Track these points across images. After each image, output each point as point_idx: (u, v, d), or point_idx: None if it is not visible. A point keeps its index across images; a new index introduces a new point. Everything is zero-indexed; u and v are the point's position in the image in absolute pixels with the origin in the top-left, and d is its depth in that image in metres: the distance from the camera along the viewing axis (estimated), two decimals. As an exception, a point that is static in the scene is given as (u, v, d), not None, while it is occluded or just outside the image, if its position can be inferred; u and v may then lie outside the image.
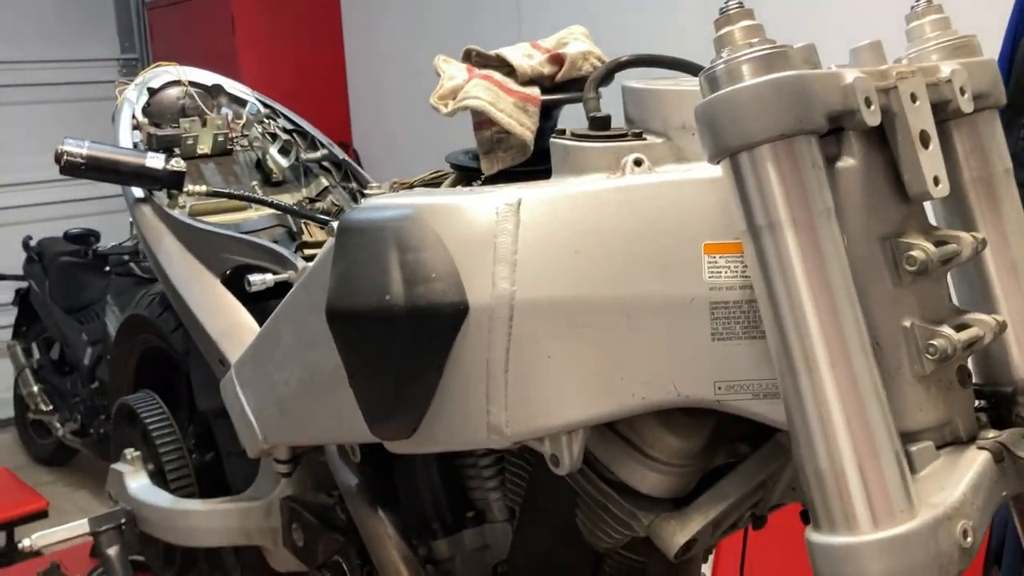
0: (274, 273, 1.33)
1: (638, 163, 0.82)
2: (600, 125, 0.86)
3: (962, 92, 0.77)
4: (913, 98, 0.73)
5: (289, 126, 1.85)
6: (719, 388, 0.78)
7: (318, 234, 1.75)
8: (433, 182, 1.22)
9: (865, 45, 0.79)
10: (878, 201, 0.74)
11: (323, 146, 1.83)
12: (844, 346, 0.67)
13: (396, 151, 4.33)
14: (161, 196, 1.60)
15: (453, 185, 1.05)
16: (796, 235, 0.67)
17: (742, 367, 0.78)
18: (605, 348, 0.78)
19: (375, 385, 0.87)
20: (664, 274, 0.78)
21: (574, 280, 0.78)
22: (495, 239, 0.79)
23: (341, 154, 1.82)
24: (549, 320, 0.78)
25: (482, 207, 0.80)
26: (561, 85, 0.99)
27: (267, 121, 1.84)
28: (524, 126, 0.93)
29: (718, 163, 0.71)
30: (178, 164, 1.48)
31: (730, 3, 0.71)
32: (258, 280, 1.31)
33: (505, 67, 0.99)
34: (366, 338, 0.84)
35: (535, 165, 0.98)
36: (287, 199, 1.79)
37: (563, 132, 0.88)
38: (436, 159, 1.05)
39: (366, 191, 1.16)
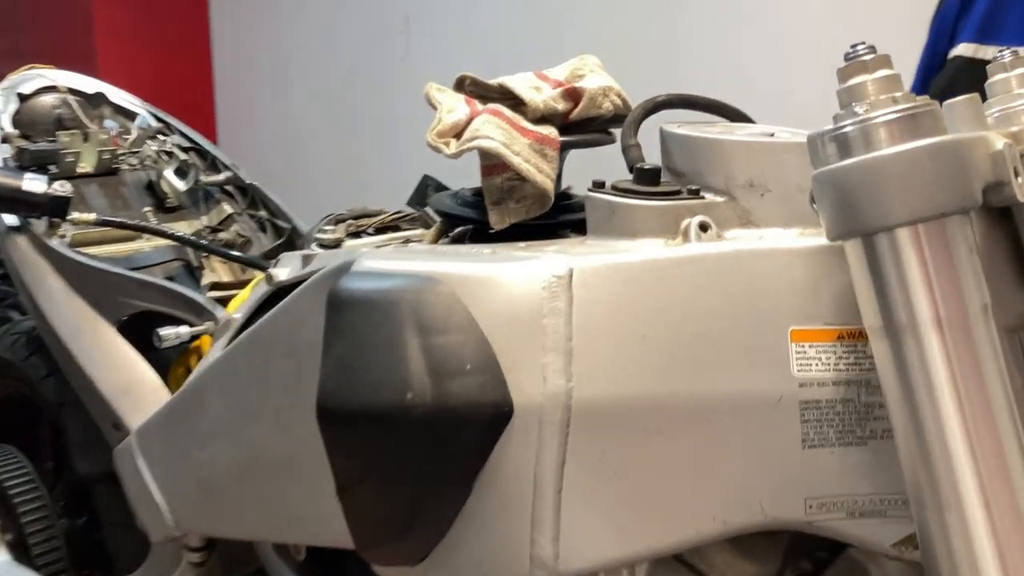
0: (189, 324, 1.12)
1: (704, 228, 0.68)
2: (650, 178, 0.71)
3: (1077, 159, 0.67)
4: (1044, 167, 0.62)
5: (186, 144, 1.62)
6: (811, 507, 0.65)
7: (222, 271, 1.53)
8: (391, 225, 1.05)
9: (964, 100, 0.68)
10: (1002, 289, 0.63)
11: (226, 167, 1.61)
12: (1006, 480, 0.55)
13: (266, 160, 4.06)
14: (38, 223, 1.34)
15: (438, 235, 0.88)
16: (947, 339, 0.55)
17: (836, 480, 0.65)
18: (681, 460, 0.63)
19: (380, 501, 0.68)
20: (748, 366, 0.64)
21: (643, 373, 0.63)
22: (544, 321, 0.63)
23: (248, 177, 1.60)
24: (615, 425, 0.63)
25: (525, 279, 0.64)
26: (574, 124, 0.84)
27: (160, 137, 1.60)
28: (543, 173, 0.78)
29: (842, 242, 0.58)
30: (63, 188, 1.24)
31: (859, 47, 0.58)
32: (170, 334, 1.09)
33: (509, 100, 0.83)
34: (375, 445, 0.65)
35: (539, 218, 0.83)
36: (184, 227, 1.56)
37: (602, 184, 0.73)
38: (318, 181, 0.87)
39: (318, 235, 0.97)
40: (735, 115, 0.83)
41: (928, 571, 0.57)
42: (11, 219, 1.33)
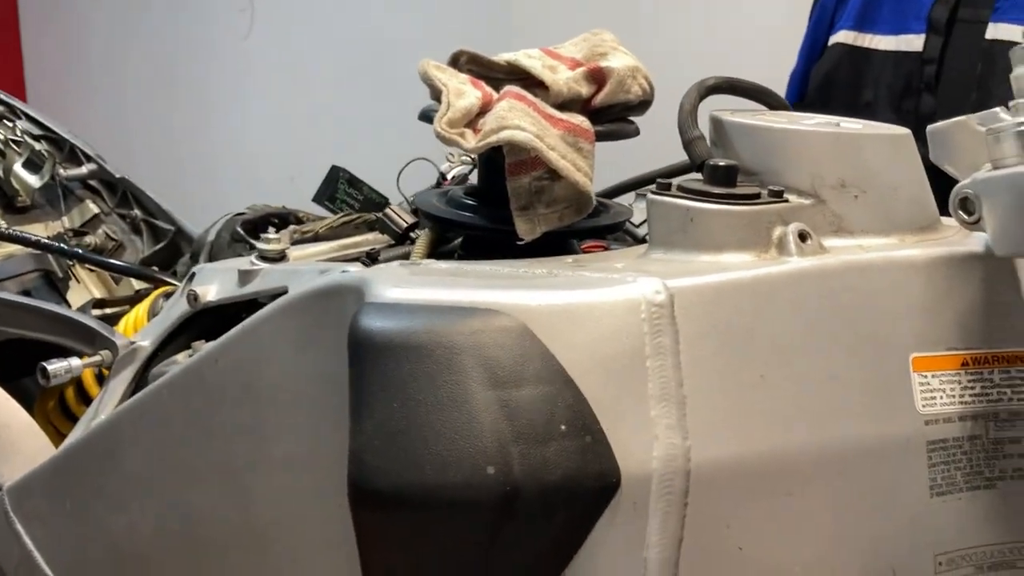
0: (79, 355, 0.91)
1: (803, 237, 0.57)
2: (725, 178, 0.59)
3: None
4: None
5: (37, 131, 1.37)
6: (940, 563, 0.55)
7: (89, 281, 1.30)
8: (343, 228, 0.88)
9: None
10: None
11: (89, 159, 1.37)
12: None
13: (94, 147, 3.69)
14: None
15: (432, 246, 0.72)
16: None
17: (965, 531, 0.56)
18: (810, 524, 0.52)
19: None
20: (872, 405, 0.54)
21: (766, 423, 0.51)
22: (647, 363, 0.49)
23: (118, 171, 1.37)
24: (739, 489, 0.50)
25: (617, 307, 0.50)
26: (596, 111, 0.70)
27: (6, 123, 1.34)
28: (582, 171, 0.64)
29: (1015, 257, 0.48)
30: None
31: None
32: (60, 369, 0.88)
33: (519, 81, 0.69)
34: (439, 532, 0.49)
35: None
36: (40, 231, 1.31)
37: (668, 186, 0.60)
38: (150, 168, 0.72)
39: (260, 247, 0.79)
40: (777, 103, 0.72)
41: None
42: None
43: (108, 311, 1.07)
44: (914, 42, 1.99)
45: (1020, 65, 0.49)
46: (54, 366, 0.88)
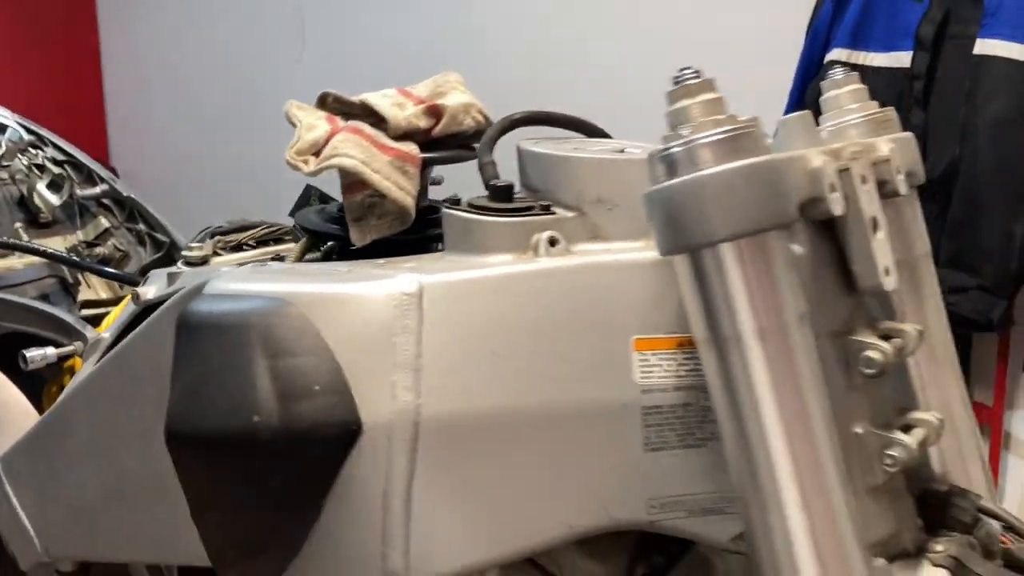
0: (56, 345, 1.09)
1: (553, 242, 0.70)
2: (503, 195, 0.73)
3: (898, 172, 0.71)
4: (863, 180, 0.66)
5: (60, 157, 1.58)
6: (653, 507, 0.68)
7: (99, 287, 1.49)
8: (267, 239, 1.05)
9: (796, 117, 0.72)
10: (827, 295, 0.66)
11: (103, 180, 1.57)
12: (822, 483, 0.58)
13: (160, 168, 3.97)
14: None
15: (304, 252, 0.88)
16: (768, 348, 0.58)
17: (677, 481, 0.68)
18: (528, 469, 0.65)
19: (232, 522, 0.69)
20: (592, 376, 0.67)
21: (491, 387, 0.65)
22: (393, 339, 0.64)
23: (126, 189, 1.57)
24: (463, 438, 0.64)
25: (375, 298, 0.65)
26: (435, 141, 0.85)
27: (32, 151, 1.55)
28: (403, 190, 0.79)
29: (670, 256, 0.61)
30: (-79, 206, 1.19)
31: (686, 71, 0.61)
32: (36, 356, 1.06)
33: (371, 117, 0.84)
34: (224, 467, 0.66)
35: (404, 233, 0.84)
36: (58, 243, 1.52)
37: (458, 201, 0.75)
38: (207, 184, 0.87)
39: (185, 252, 0.96)
40: (592, 131, 0.85)
41: (755, 566, 0.60)
42: None
43: (95, 311, 1.26)
44: (904, 59, 2.07)
45: (676, 102, 0.61)
46: (31, 353, 1.06)
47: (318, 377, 0.63)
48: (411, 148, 0.81)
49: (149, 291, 1.00)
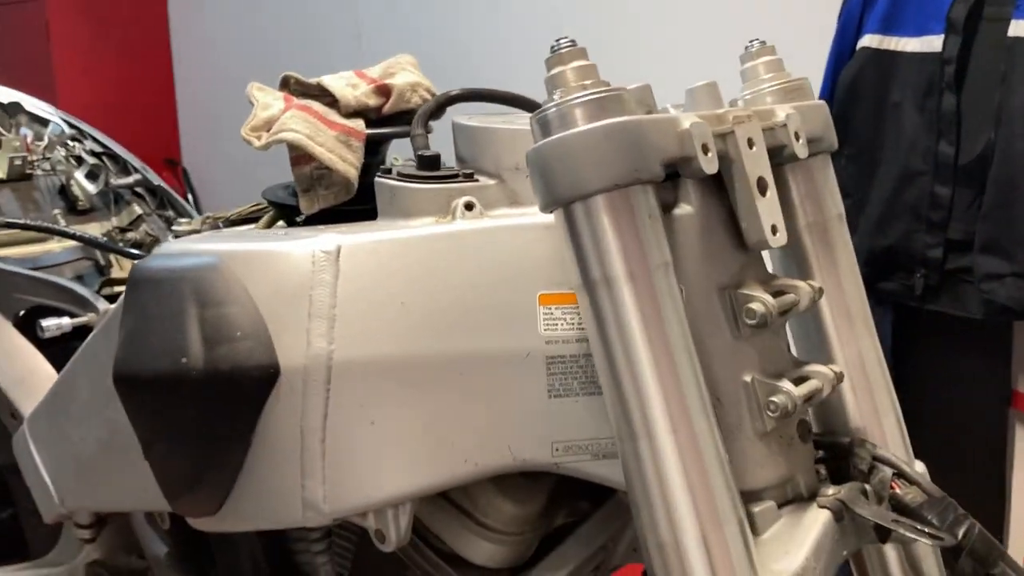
0: (71, 316, 1.20)
1: (469, 207, 0.76)
2: (428, 164, 0.79)
3: (797, 137, 0.75)
4: (750, 143, 0.70)
5: (98, 148, 1.70)
6: (557, 449, 0.73)
7: (128, 267, 1.60)
8: (251, 217, 1.12)
9: (701, 86, 0.76)
10: (716, 250, 0.71)
11: (136, 170, 1.69)
12: (685, 409, 0.63)
13: (230, 169, 4.13)
14: (-56, 227, 1.42)
15: (270, 223, 0.96)
16: (633, 291, 0.63)
17: (580, 426, 0.73)
18: (435, 410, 0.71)
19: (173, 458, 0.77)
20: (498, 327, 0.72)
21: (400, 336, 0.71)
22: (311, 292, 0.71)
23: (156, 179, 1.68)
24: (372, 381, 0.71)
25: (296, 255, 0.72)
26: (388, 118, 0.92)
27: (72, 143, 1.67)
28: (347, 162, 0.85)
29: (551, 212, 0.66)
30: (-38, 192, 1.31)
31: (562, 41, 0.66)
32: (52, 325, 1.17)
33: (327, 97, 0.91)
34: (159, 406, 0.74)
35: (361, 203, 0.90)
36: (95, 229, 1.63)
37: (389, 171, 0.81)
38: (278, 177, 0.96)
39: (175, 227, 1.05)
40: (532, 106, 0.90)
41: (630, 496, 0.65)
42: (-85, 223, 1.40)
43: (116, 289, 1.37)
44: (936, 43, 2.05)
45: (551, 69, 0.66)
46: (47, 322, 1.16)
47: (241, 325, 0.70)
48: (357, 124, 0.87)
49: (146, 263, 1.09)
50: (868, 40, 2.14)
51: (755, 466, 0.71)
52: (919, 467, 0.80)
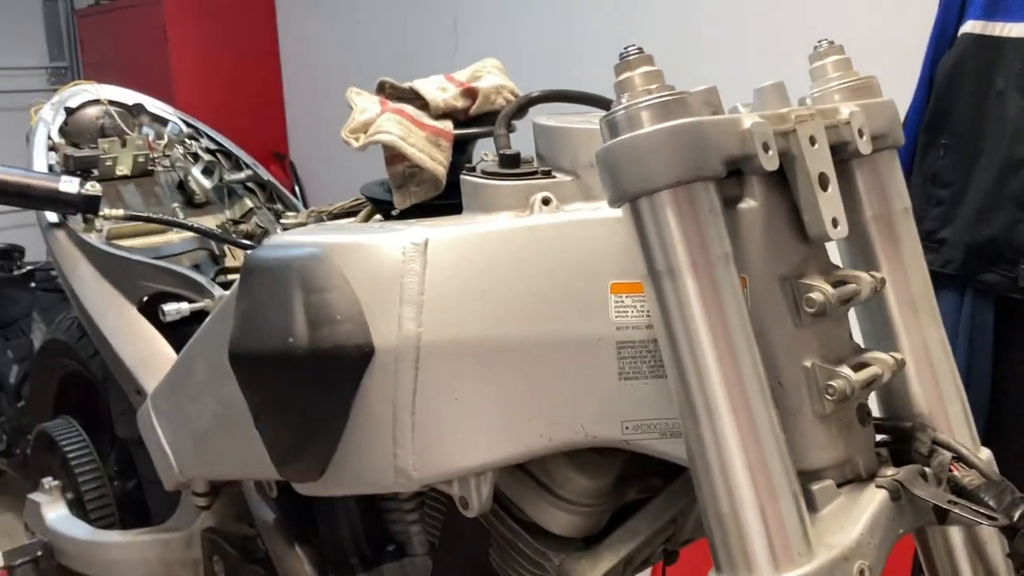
0: (190, 301, 1.31)
1: (546, 202, 0.82)
2: (509, 162, 0.86)
3: (860, 134, 0.78)
4: (812, 141, 0.74)
5: (212, 146, 1.82)
6: (627, 427, 0.78)
7: (241, 258, 1.72)
8: (352, 211, 1.21)
9: (769, 86, 0.80)
10: (779, 242, 0.75)
11: (247, 166, 1.80)
12: (744, 391, 0.67)
13: (334, 161, 4.30)
14: (76, 219, 1.56)
15: (368, 217, 1.04)
16: (695, 280, 0.68)
17: (649, 406, 0.78)
18: (512, 389, 0.78)
19: (280, 428, 0.85)
20: (571, 314, 0.78)
21: (481, 320, 0.78)
22: (402, 280, 0.78)
23: (266, 174, 1.79)
24: (456, 361, 0.77)
25: (389, 247, 0.79)
26: (475, 119, 0.98)
27: (189, 141, 1.80)
28: (436, 161, 0.92)
29: (619, 207, 0.71)
30: (93, 188, 1.44)
31: (629, 48, 0.71)
32: (173, 309, 1.28)
33: (418, 100, 0.98)
34: (269, 381, 0.82)
35: (449, 199, 0.97)
36: (210, 221, 1.76)
37: (474, 169, 0.88)
38: (377, 170, 1.04)
39: (283, 220, 1.14)
40: (607, 104, 0.96)
41: (692, 470, 0.70)
42: (53, 216, 1.54)
43: (230, 277, 1.48)
44: (1042, 28, 2.00)
45: (620, 75, 0.71)
46: (168, 307, 1.28)
47: (340, 309, 0.78)
48: (446, 125, 0.94)
49: (257, 254, 1.19)
50: (971, 26, 2.10)
51: (815, 447, 0.75)
52: (984, 454, 0.82)
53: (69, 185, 1.43)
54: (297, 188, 4.46)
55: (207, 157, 1.78)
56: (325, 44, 4.30)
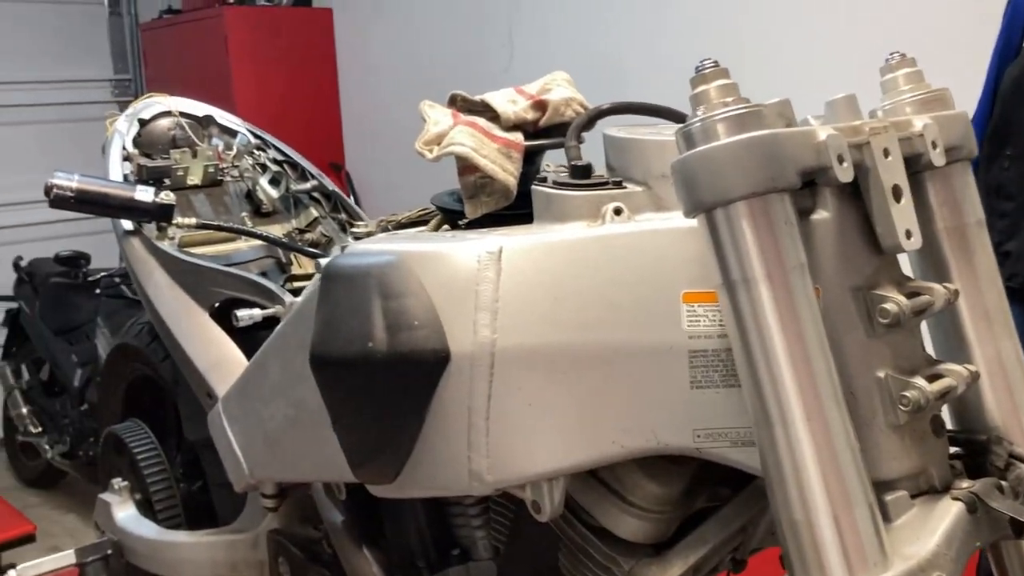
0: (262, 308, 1.34)
1: (618, 212, 0.84)
2: (581, 173, 0.87)
3: (934, 146, 0.79)
4: (886, 153, 0.75)
5: (279, 157, 1.86)
6: (698, 436, 0.79)
7: (307, 266, 1.76)
8: (420, 220, 1.23)
9: (840, 99, 0.80)
10: (852, 253, 0.76)
11: (313, 177, 1.84)
12: (818, 399, 0.68)
13: (388, 171, 4.36)
14: (150, 227, 1.61)
15: (438, 227, 1.06)
16: (770, 290, 0.69)
17: (721, 415, 0.79)
18: (585, 395, 0.79)
19: (358, 430, 0.88)
20: (643, 322, 0.79)
21: (554, 327, 0.79)
22: (477, 287, 0.80)
23: (331, 185, 1.83)
24: (530, 367, 0.79)
25: (464, 255, 0.81)
26: (544, 130, 1.00)
27: (257, 152, 1.85)
28: (507, 172, 0.94)
29: (694, 217, 0.72)
30: (167, 197, 1.49)
31: (705, 62, 0.72)
32: (245, 315, 1.31)
33: (489, 112, 1.00)
34: (349, 384, 0.85)
35: (519, 208, 0.99)
36: (277, 230, 1.80)
37: (545, 179, 0.89)
38: (428, 180, 1.06)
39: (354, 229, 1.17)
40: (677, 117, 0.97)
41: (766, 478, 0.71)
42: (128, 224, 1.59)
43: (296, 284, 1.51)
44: (1117, 33, 1.97)
45: (696, 87, 0.72)
46: (242, 313, 1.31)
47: (418, 315, 0.80)
48: (516, 137, 0.96)
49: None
50: (1034, 38, 2.08)
51: (888, 457, 0.75)
52: (1060, 467, 0.82)
53: (145, 194, 1.48)
54: (352, 198, 4.53)
55: (275, 168, 1.83)
56: (381, 56, 4.36)
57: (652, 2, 3.16)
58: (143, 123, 1.80)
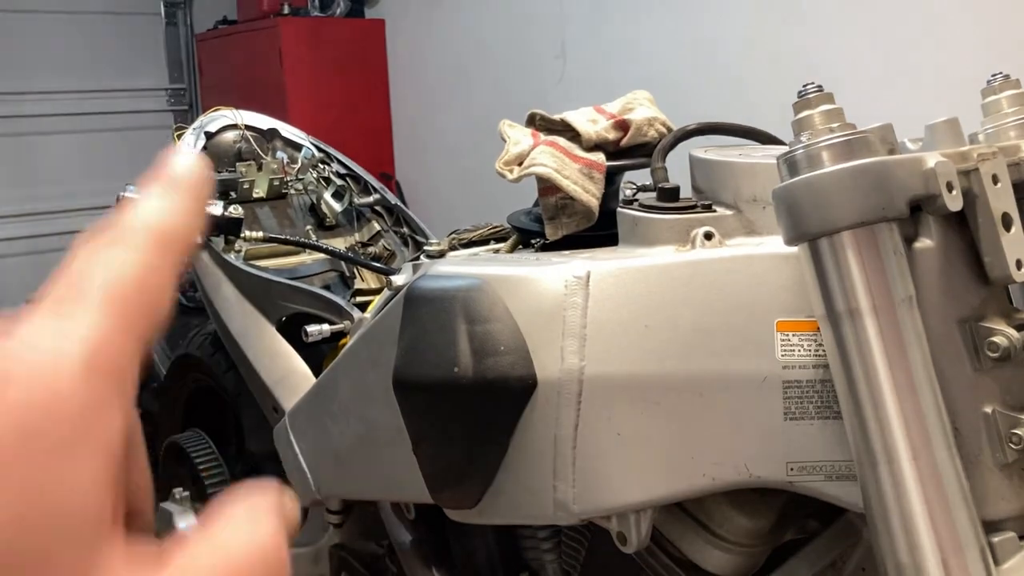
0: (330, 323, 1.34)
1: (708, 236, 0.82)
2: (669, 196, 0.86)
3: (1043, 172, 0.76)
4: (995, 180, 0.72)
5: (343, 171, 1.87)
6: (791, 469, 0.77)
7: (371, 279, 1.76)
8: (490, 238, 1.23)
9: (942, 122, 0.78)
10: (957, 284, 0.73)
11: (375, 191, 1.84)
12: (926, 437, 0.65)
13: (437, 181, 4.37)
14: (217, 240, 1.62)
15: (514, 247, 1.05)
16: (877, 323, 0.66)
17: (815, 448, 0.77)
18: (675, 426, 0.77)
19: (440, 455, 0.86)
20: (736, 351, 0.77)
21: (644, 355, 0.77)
22: (564, 312, 0.79)
23: (393, 198, 1.83)
24: (619, 396, 0.77)
25: (551, 279, 0.80)
26: (625, 150, 0.99)
27: (321, 166, 1.85)
28: (589, 193, 0.93)
29: (796, 246, 0.70)
30: (236, 211, 1.49)
31: (808, 86, 0.70)
32: (315, 331, 1.31)
33: (569, 132, 0.99)
34: (433, 409, 0.84)
35: (599, 229, 0.98)
36: (340, 243, 1.80)
37: (631, 202, 0.88)
38: (476, 192, 1.04)
39: (427, 248, 1.16)
40: (764, 138, 0.95)
41: (868, 518, 0.68)
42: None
43: (365, 299, 1.51)
44: None
45: (799, 112, 0.70)
46: (312, 328, 1.31)
47: (504, 340, 0.79)
48: (598, 157, 0.95)
49: (399, 279, 1.21)
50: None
51: (996, 496, 0.72)
52: None
53: (214, 207, 1.49)
54: (402, 208, 4.54)
55: (338, 181, 1.83)
56: (432, 67, 4.38)
57: (707, 16, 3.13)
58: (209, 136, 1.81)
